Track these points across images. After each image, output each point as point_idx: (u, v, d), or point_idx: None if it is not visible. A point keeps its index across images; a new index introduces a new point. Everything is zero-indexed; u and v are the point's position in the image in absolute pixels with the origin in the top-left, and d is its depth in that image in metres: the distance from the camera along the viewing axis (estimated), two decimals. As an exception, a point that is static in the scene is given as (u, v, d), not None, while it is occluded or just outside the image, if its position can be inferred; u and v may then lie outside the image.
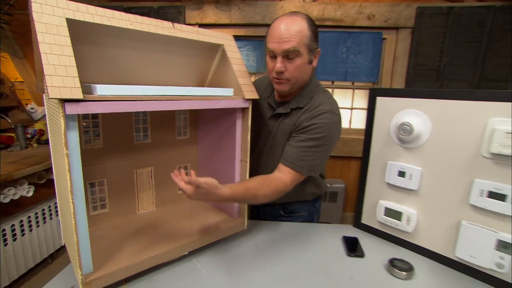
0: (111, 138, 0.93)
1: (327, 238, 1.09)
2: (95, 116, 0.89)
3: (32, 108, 2.56)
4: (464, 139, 0.86)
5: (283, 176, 0.94)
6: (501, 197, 0.79)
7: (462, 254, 0.88)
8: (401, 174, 0.99)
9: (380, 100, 1.04)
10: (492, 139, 0.79)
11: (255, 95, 0.94)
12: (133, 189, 1.02)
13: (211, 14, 2.47)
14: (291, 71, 0.93)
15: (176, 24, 0.85)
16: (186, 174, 0.80)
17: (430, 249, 0.97)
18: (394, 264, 0.90)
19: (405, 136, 0.95)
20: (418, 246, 1.00)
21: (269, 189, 0.89)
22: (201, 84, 1.06)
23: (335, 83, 2.74)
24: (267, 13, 2.39)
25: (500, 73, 2.36)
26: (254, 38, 2.54)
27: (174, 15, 2.53)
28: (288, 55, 0.90)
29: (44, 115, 2.58)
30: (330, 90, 2.80)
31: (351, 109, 2.82)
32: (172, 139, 1.08)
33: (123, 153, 0.97)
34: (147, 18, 0.80)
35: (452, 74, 2.45)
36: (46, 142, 2.46)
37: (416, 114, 0.96)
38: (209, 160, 1.12)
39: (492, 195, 0.81)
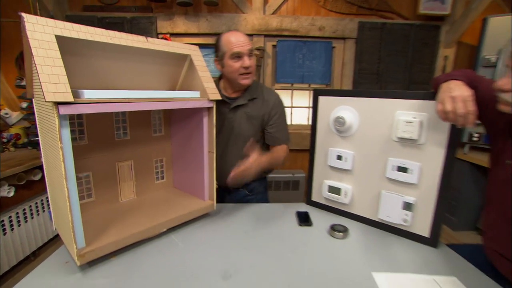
0: (95, 136, 1.00)
1: (284, 214, 1.24)
2: (80, 117, 0.96)
3: (6, 114, 2.47)
4: (381, 127, 1.05)
5: (281, 152, 1.31)
6: (404, 170, 0.99)
7: (382, 215, 1.07)
8: (339, 157, 1.17)
9: (322, 99, 1.20)
10: (397, 126, 0.99)
11: (218, 96, 1.06)
12: (115, 180, 1.10)
13: (181, 24, 2.54)
14: (253, 66, 1.20)
15: (149, 38, 0.95)
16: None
17: (361, 215, 1.16)
18: (334, 228, 1.07)
19: (340, 127, 1.13)
20: (353, 214, 1.18)
21: (279, 160, 1.30)
22: (172, 88, 1.16)
23: (294, 85, 2.93)
24: (232, 24, 2.51)
25: (423, 77, 2.70)
26: (220, 46, 2.65)
27: (146, 25, 2.57)
28: (250, 54, 1.17)
29: (19, 120, 2.50)
30: (290, 91, 2.99)
31: (309, 108, 3.03)
32: (149, 136, 1.17)
33: (106, 149, 1.04)
34: (125, 33, 0.89)
35: (389, 77, 2.74)
36: (23, 145, 2.39)
37: (348, 109, 1.13)
38: (181, 153, 1.22)
39: (399, 169, 1.00)
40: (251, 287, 0.77)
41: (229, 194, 1.40)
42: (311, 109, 3.06)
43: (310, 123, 3.28)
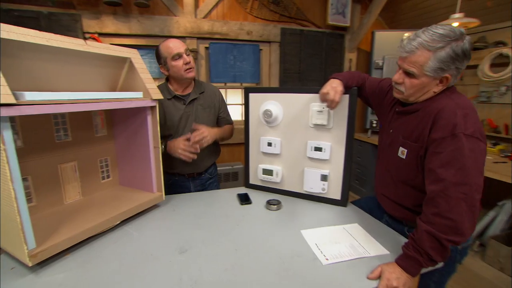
0: (32, 139, 0.95)
1: (227, 197, 1.37)
2: (12, 119, 0.91)
3: None
4: (301, 117, 1.26)
5: (229, 128, 1.57)
6: (320, 149, 1.22)
7: (306, 188, 1.29)
8: (269, 144, 1.35)
9: (252, 96, 1.36)
10: (312, 115, 1.21)
11: (160, 96, 1.12)
12: (58, 182, 1.05)
13: (110, 24, 2.40)
14: (192, 60, 1.36)
15: (88, 41, 0.95)
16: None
17: (290, 190, 1.36)
18: (269, 203, 1.25)
19: (268, 119, 1.31)
20: (284, 190, 1.38)
21: (229, 133, 1.54)
22: (112, 89, 1.16)
23: (227, 84, 3.06)
24: (165, 26, 2.49)
25: (335, 75, 3.14)
26: (154, 48, 2.59)
27: (69, 23, 2.34)
28: (187, 53, 1.35)
29: None
30: (224, 90, 3.11)
31: (242, 104, 3.20)
32: (92, 137, 1.14)
33: (46, 151, 0.99)
34: (61, 36, 0.88)
35: (308, 76, 3.11)
36: None
37: (274, 103, 1.31)
38: (126, 151, 1.23)
39: (316, 149, 1.23)
40: (206, 256, 0.88)
41: (193, 181, 1.52)
42: (243, 106, 3.28)
43: (243, 118, 3.49)
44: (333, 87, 1.08)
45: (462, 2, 2.11)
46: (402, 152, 0.93)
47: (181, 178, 1.49)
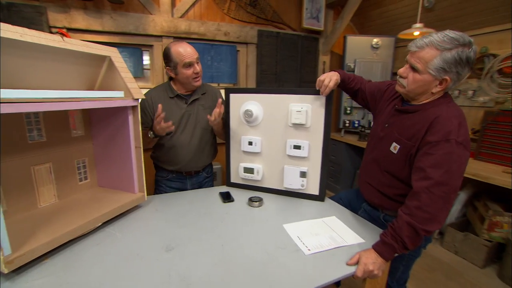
0: (1, 139, 0.90)
1: (209, 196, 1.38)
2: (-20, 120, 0.85)
3: None
4: (280, 116, 1.31)
5: None
6: (299, 147, 1.28)
7: (286, 184, 1.34)
8: (250, 143, 1.38)
9: (232, 96, 1.39)
10: (291, 115, 1.26)
11: (142, 96, 1.10)
12: (32, 185, 1.00)
13: (81, 20, 2.28)
14: (201, 70, 1.37)
15: (65, 38, 0.91)
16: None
17: (271, 187, 1.41)
18: (251, 200, 1.28)
19: (248, 118, 1.34)
20: (265, 187, 1.42)
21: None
22: (90, 88, 1.12)
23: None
24: (140, 24, 2.42)
25: (310, 77, 3.26)
26: (129, 46, 2.51)
27: (32, 15, 2.18)
28: (197, 62, 1.35)
29: None
30: (202, 91, 3.08)
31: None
32: (68, 137, 1.10)
33: (17, 152, 0.94)
34: (37, 31, 0.84)
35: (284, 77, 3.18)
36: None
37: (254, 104, 1.35)
38: (105, 151, 1.20)
39: (295, 147, 1.28)
40: (193, 253, 0.89)
41: (191, 179, 1.52)
42: (224, 106, 3.29)
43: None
44: (329, 75, 1.17)
45: (421, 13, 2.30)
46: (395, 147, 1.01)
47: (179, 175, 1.49)
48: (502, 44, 2.30)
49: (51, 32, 2.31)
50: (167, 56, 1.33)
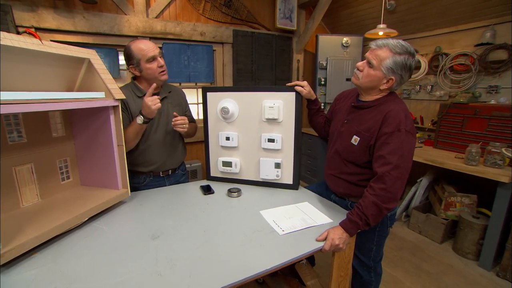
0: (-17, 141, 0.92)
1: (190, 189, 1.45)
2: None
3: None
4: (255, 112, 1.41)
5: (194, 125, 1.62)
6: (273, 140, 1.38)
7: (263, 176, 1.45)
8: (227, 138, 1.46)
9: (209, 94, 1.46)
10: (265, 111, 1.36)
11: (122, 96, 1.15)
12: (13, 186, 1.02)
13: (50, 19, 2.22)
14: (165, 64, 1.39)
15: (44, 41, 0.95)
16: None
17: (248, 179, 1.50)
18: (230, 191, 1.37)
19: (225, 115, 1.42)
20: (243, 179, 1.51)
21: (194, 130, 1.62)
22: (70, 90, 1.15)
23: (182, 84, 3.07)
24: (114, 25, 2.40)
25: (285, 75, 3.39)
26: (104, 46, 2.48)
27: (-3, 16, 2.10)
28: (160, 55, 1.36)
29: None
30: (180, 90, 3.11)
31: (197, 103, 3.25)
32: (49, 137, 1.12)
33: (-1, 153, 0.96)
34: (16, 35, 0.87)
35: (260, 75, 3.29)
36: None
37: (230, 101, 1.43)
38: (87, 151, 1.23)
39: (269, 140, 1.39)
40: (177, 239, 0.97)
41: (169, 178, 1.54)
42: (200, 105, 3.34)
43: (199, 117, 3.55)
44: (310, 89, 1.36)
45: (384, 15, 2.49)
46: (355, 140, 1.14)
47: (156, 177, 1.49)
48: (453, 44, 2.56)
49: (18, 32, 2.24)
50: (128, 55, 1.32)
